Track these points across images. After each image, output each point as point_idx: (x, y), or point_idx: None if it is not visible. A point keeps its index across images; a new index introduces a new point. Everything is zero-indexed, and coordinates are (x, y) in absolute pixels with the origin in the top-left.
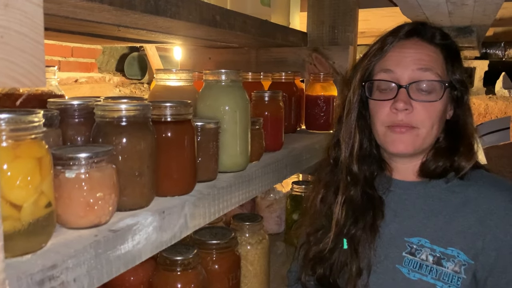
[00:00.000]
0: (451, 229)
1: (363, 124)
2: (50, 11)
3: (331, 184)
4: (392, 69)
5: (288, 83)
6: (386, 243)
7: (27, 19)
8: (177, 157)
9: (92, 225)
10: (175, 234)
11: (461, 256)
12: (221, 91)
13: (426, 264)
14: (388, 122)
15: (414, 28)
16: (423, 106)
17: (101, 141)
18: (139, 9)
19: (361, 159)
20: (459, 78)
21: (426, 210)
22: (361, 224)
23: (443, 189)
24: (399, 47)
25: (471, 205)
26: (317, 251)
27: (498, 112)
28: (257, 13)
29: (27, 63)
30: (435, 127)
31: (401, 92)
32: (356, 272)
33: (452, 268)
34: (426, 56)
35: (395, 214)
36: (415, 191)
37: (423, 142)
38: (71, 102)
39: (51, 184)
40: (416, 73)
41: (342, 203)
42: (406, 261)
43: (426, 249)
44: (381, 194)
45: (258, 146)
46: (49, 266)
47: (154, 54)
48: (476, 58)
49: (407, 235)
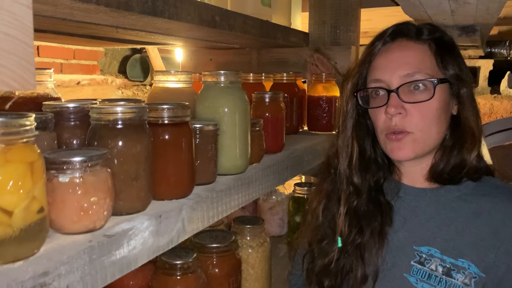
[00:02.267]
0: (463, 240)
1: (364, 132)
2: (47, 12)
3: (333, 194)
4: (380, 77)
5: (289, 83)
6: (394, 251)
7: (16, 20)
8: (175, 160)
9: (87, 230)
10: (172, 239)
11: (472, 268)
12: (220, 92)
13: (436, 274)
14: (385, 129)
15: (397, 29)
16: (416, 107)
17: (97, 144)
18: (136, 10)
19: (365, 168)
20: (453, 73)
21: (437, 219)
22: (368, 232)
23: (455, 198)
24: (385, 52)
25: (485, 216)
26: (323, 265)
27: (503, 111)
28: (257, 14)
29: (16, 65)
30: (433, 127)
31: (391, 96)
32: (361, 279)
33: (462, 280)
34: (413, 58)
35: (404, 221)
36: (426, 198)
37: (423, 145)
38: (66, 105)
39: (44, 188)
40: (404, 79)
41: (345, 214)
42: (414, 270)
43: (436, 259)
44: (389, 200)
45: (258, 148)
46: (41, 273)
47: (156, 56)
48: (481, 58)
49: (416, 244)
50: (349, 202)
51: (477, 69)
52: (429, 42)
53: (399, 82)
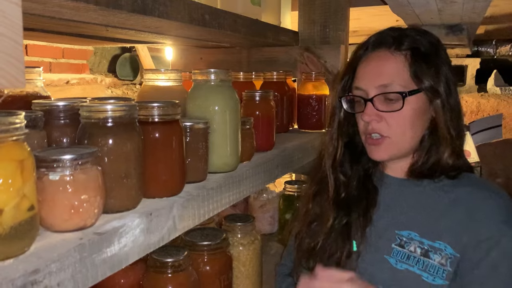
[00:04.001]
0: (440, 224)
1: (352, 130)
2: (35, 11)
3: (323, 183)
4: (360, 86)
5: (280, 82)
6: (377, 235)
7: (5, 18)
8: (165, 158)
9: (77, 228)
10: (163, 236)
11: (448, 249)
12: (210, 91)
13: (414, 255)
14: (363, 133)
15: (377, 39)
16: (390, 115)
17: (87, 143)
18: (125, 9)
19: (355, 160)
20: (427, 85)
21: (417, 206)
22: (354, 213)
23: (435, 188)
24: (365, 62)
25: (461, 203)
26: (310, 244)
27: (490, 109)
28: (247, 13)
29: (5, 63)
30: (407, 132)
31: (368, 105)
32: (346, 255)
33: (439, 261)
34: (389, 69)
35: (388, 207)
36: (408, 188)
37: (398, 148)
38: (56, 103)
39: (34, 187)
40: (379, 89)
41: (333, 203)
42: (394, 252)
43: (415, 241)
44: (376, 185)
45: (248, 146)
46: (31, 271)
47: (146, 55)
48: (468, 56)
49: (398, 228)
50: (336, 193)
51: (464, 67)
52: (406, 53)
53: (375, 92)
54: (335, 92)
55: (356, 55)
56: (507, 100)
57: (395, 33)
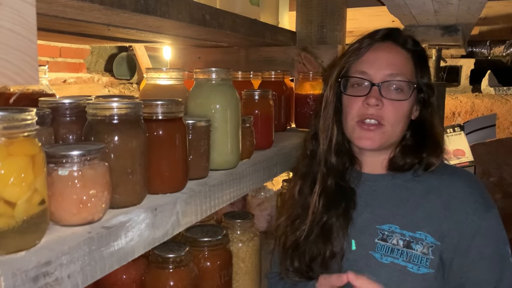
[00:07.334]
0: (418, 215)
1: (339, 118)
2: (40, 10)
3: (308, 176)
4: (366, 71)
5: (277, 82)
6: (359, 232)
7: (20, 17)
8: (169, 155)
9: (85, 222)
10: (167, 231)
11: (429, 238)
12: (211, 89)
13: (397, 248)
14: (358, 117)
15: (389, 33)
16: (392, 104)
17: (93, 139)
18: (129, 8)
19: (338, 152)
20: (426, 82)
21: (394, 199)
22: (333, 213)
23: (409, 179)
24: (374, 50)
25: (435, 191)
26: (293, 240)
27: (484, 109)
28: (246, 13)
29: (20, 61)
30: (400, 125)
31: (373, 89)
32: (329, 256)
33: (421, 250)
34: (398, 60)
35: (366, 204)
36: (383, 182)
37: (388, 138)
38: (63, 101)
39: (45, 181)
40: (387, 77)
41: (319, 193)
42: (378, 247)
43: (397, 234)
44: (352, 186)
45: (248, 144)
46: (44, 263)
47: (143, 54)
48: (463, 57)
49: (379, 223)
50: (324, 181)
51: (459, 68)
52: (411, 52)
53: (383, 79)
54: (332, 76)
55: (361, 43)
56: (501, 100)
57: (400, 33)
